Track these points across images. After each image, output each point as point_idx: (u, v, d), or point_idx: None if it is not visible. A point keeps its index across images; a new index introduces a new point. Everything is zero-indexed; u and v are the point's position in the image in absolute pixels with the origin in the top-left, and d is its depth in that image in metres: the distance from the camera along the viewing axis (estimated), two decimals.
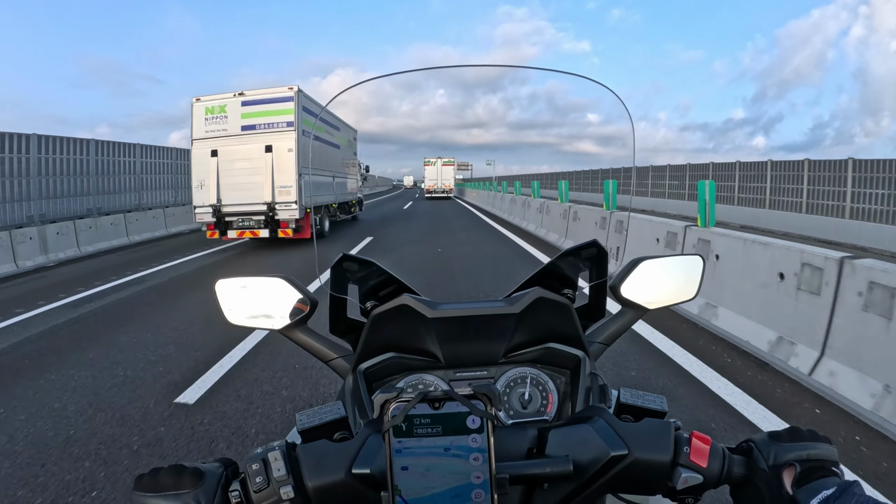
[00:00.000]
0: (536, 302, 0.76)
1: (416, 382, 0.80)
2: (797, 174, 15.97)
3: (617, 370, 3.52)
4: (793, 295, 3.55)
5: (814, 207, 15.15)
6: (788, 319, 3.56)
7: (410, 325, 0.77)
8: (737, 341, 3.97)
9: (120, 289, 6.75)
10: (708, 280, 5.06)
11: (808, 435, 0.53)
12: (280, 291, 0.78)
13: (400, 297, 0.76)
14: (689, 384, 3.27)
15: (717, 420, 2.78)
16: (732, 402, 2.98)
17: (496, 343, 0.80)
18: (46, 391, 3.37)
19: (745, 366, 3.60)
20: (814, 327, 3.34)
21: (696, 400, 3.04)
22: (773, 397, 3.07)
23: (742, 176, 18.73)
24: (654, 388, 3.17)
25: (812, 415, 2.87)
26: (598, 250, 0.85)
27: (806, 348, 3.37)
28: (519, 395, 0.80)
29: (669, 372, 3.48)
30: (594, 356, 0.84)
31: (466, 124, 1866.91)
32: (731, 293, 4.26)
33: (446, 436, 0.46)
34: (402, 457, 0.46)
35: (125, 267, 8.43)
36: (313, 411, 0.60)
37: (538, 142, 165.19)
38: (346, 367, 0.82)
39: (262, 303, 0.79)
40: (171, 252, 10.12)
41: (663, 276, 0.84)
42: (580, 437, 0.55)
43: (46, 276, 8.01)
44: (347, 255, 0.81)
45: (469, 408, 0.46)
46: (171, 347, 4.22)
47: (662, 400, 0.62)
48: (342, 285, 0.82)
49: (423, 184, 38.58)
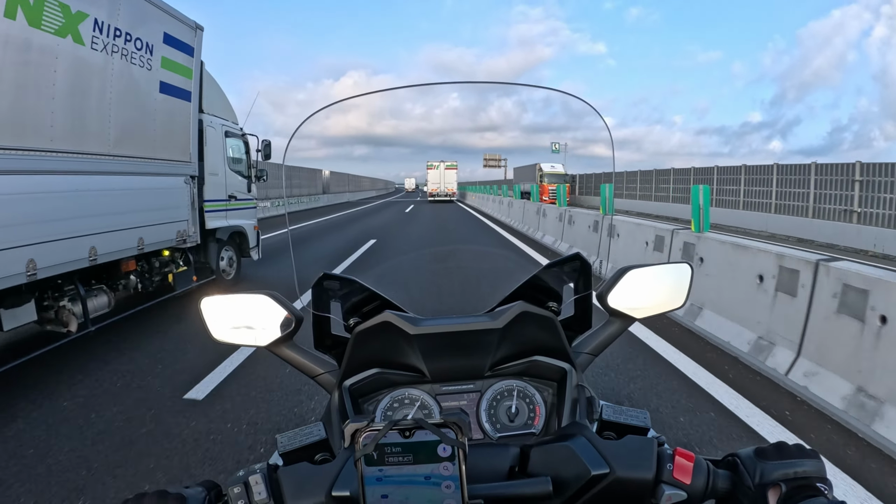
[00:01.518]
0: (520, 316, 0.76)
1: (401, 397, 0.81)
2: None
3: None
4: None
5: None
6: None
7: (394, 341, 0.77)
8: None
9: None
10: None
11: (794, 450, 0.52)
12: (265, 308, 0.79)
13: (382, 314, 0.76)
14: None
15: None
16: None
17: (481, 357, 0.80)
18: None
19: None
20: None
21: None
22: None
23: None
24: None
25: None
26: (582, 263, 0.86)
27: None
28: (506, 409, 0.80)
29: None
30: (581, 367, 0.84)
31: (480, 128, 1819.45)
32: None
33: (418, 464, 0.46)
34: (381, 485, 0.47)
35: None
36: (294, 433, 0.61)
37: (549, 146, 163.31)
38: (332, 383, 0.83)
39: (248, 320, 0.79)
40: None
41: (651, 285, 0.84)
42: (561, 455, 0.55)
43: None
44: (328, 274, 0.82)
45: (439, 436, 0.46)
46: None
47: (645, 415, 0.62)
48: (324, 303, 0.84)
49: (426, 187, 38.72)
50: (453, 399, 0.82)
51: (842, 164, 14.32)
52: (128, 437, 2.71)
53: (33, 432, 2.76)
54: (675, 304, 0.85)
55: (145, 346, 4.17)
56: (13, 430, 2.79)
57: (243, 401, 3.15)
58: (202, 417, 2.93)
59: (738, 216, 17.93)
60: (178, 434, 2.74)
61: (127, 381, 3.46)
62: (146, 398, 3.18)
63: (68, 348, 3.98)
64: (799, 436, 2.66)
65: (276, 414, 2.95)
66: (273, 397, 3.20)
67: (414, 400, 0.80)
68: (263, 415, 2.95)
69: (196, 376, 3.50)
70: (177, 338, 4.39)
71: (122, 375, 3.55)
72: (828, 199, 14.62)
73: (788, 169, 16.48)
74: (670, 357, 3.79)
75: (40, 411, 3.01)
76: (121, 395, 3.24)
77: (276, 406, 3.08)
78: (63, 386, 3.36)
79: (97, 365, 3.73)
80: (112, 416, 2.94)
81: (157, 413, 2.98)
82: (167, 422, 2.88)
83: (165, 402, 3.13)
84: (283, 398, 3.18)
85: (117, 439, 2.69)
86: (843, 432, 2.68)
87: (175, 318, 4.96)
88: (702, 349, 3.99)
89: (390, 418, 0.79)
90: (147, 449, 2.59)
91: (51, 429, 2.80)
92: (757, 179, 17.87)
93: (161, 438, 2.70)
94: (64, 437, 2.72)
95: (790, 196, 16.16)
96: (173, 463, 2.45)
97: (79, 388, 3.33)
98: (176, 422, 2.87)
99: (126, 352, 4.05)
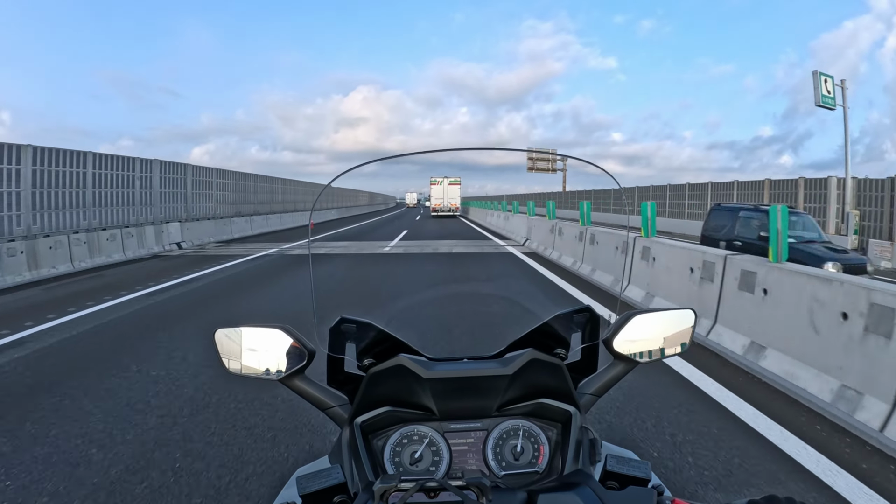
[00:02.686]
0: (529, 363, 0.80)
1: (410, 434, 0.83)
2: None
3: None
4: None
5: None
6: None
7: (406, 382, 0.80)
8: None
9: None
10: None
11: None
12: (278, 341, 0.82)
13: (397, 357, 0.80)
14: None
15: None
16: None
17: (489, 399, 0.83)
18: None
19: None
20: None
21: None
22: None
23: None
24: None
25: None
26: (591, 315, 0.90)
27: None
28: (511, 447, 0.82)
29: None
30: (585, 408, 0.87)
31: (489, 143, 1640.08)
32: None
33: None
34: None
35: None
36: (314, 475, 0.65)
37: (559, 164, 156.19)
38: (342, 417, 0.86)
39: (261, 352, 0.81)
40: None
41: (655, 330, 0.87)
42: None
43: None
44: (346, 318, 0.85)
45: (462, 498, 0.49)
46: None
47: (647, 466, 0.65)
48: (340, 344, 0.86)
49: (429, 202, 39.41)
50: (461, 437, 0.84)
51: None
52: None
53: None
54: (678, 349, 0.88)
55: None
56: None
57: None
58: None
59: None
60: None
61: None
62: None
63: None
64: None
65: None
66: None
67: (423, 436, 0.83)
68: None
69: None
70: None
71: None
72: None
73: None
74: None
75: None
76: None
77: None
78: None
79: None
80: None
81: None
82: None
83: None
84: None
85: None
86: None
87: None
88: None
89: (400, 454, 0.82)
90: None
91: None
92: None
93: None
94: None
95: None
96: None
97: None
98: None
99: None
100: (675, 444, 2.64)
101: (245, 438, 2.71)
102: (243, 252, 12.40)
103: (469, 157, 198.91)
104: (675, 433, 2.77)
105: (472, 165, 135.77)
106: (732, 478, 2.33)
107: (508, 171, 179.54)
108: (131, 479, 2.30)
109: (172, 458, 2.50)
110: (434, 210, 37.33)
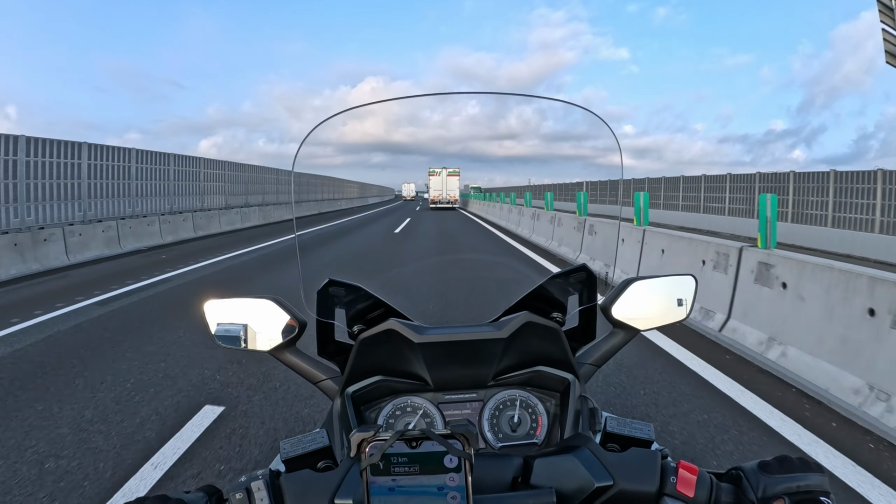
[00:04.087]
0: (524, 326, 0.78)
1: (403, 405, 0.82)
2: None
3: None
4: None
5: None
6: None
7: (397, 349, 0.79)
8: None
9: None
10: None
11: (798, 464, 0.53)
12: (269, 312, 0.81)
13: (387, 321, 0.78)
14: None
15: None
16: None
17: (484, 367, 0.82)
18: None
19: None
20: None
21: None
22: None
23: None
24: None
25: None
26: (588, 274, 0.87)
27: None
28: (508, 418, 0.81)
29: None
30: (584, 378, 0.85)
31: (499, 136, 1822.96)
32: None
33: (424, 475, 0.47)
34: (387, 495, 0.47)
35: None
36: (297, 440, 0.62)
37: (572, 154, 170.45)
38: (334, 389, 0.84)
39: (251, 324, 0.81)
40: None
41: (655, 297, 0.85)
42: (565, 467, 0.56)
43: None
44: (333, 280, 0.83)
45: (446, 447, 0.47)
46: None
47: (650, 428, 0.62)
48: (329, 309, 0.85)
49: (428, 194, 38.68)
50: (456, 408, 0.83)
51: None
52: None
53: None
54: (679, 316, 0.86)
55: None
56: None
57: None
58: None
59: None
60: None
61: None
62: None
63: None
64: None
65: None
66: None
67: (416, 408, 0.82)
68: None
69: None
70: None
71: None
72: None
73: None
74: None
75: None
76: None
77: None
78: None
79: None
80: None
81: None
82: None
83: None
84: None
85: None
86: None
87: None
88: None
89: (393, 426, 0.81)
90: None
91: None
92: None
93: None
94: None
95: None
96: None
97: None
98: None
99: None
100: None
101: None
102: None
103: (478, 149, 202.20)
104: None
105: (481, 157, 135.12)
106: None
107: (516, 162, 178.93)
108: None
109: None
110: (433, 202, 36.84)
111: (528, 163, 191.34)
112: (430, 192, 37.47)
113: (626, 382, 3.40)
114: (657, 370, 3.64)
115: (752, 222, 16.87)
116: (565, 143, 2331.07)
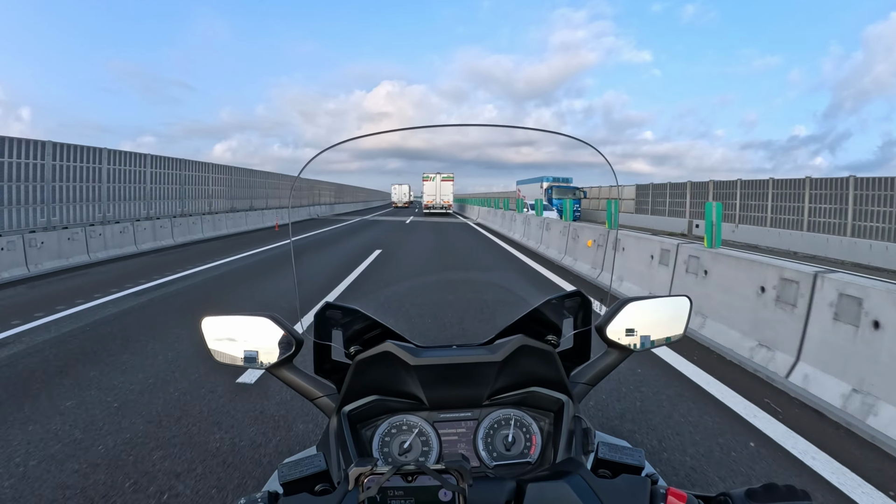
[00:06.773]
0: (519, 349, 0.80)
1: (399, 424, 0.83)
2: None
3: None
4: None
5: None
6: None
7: (394, 370, 0.80)
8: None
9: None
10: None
11: (784, 492, 0.54)
12: (266, 330, 0.81)
13: (384, 343, 0.79)
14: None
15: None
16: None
17: (479, 388, 0.83)
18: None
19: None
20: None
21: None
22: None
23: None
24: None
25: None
26: (583, 299, 0.89)
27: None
28: (503, 438, 0.82)
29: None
30: (578, 398, 0.86)
31: (516, 142, 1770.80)
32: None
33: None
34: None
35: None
36: (295, 462, 0.64)
37: (590, 161, 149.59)
38: (330, 406, 0.86)
39: (249, 341, 0.81)
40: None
41: (650, 317, 0.86)
42: (557, 494, 0.56)
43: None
44: (330, 304, 0.85)
45: (441, 482, 0.49)
46: None
47: (640, 454, 0.64)
48: (326, 330, 0.87)
49: (422, 199, 38.44)
50: (451, 426, 0.84)
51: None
52: None
53: None
54: (673, 338, 0.88)
55: None
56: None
57: None
58: None
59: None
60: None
61: None
62: None
63: None
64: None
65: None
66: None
67: (412, 427, 0.83)
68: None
69: None
70: None
71: None
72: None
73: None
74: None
75: None
76: None
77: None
78: None
79: None
80: None
81: None
82: None
83: None
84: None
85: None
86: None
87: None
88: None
89: (389, 444, 0.82)
90: None
91: None
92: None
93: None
94: None
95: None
96: None
97: None
98: None
99: None
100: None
101: None
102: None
103: (495, 155, 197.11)
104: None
105: (498, 163, 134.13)
106: None
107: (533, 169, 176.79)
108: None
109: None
110: (426, 207, 36.91)
111: (546, 169, 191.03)
112: (424, 197, 37.47)
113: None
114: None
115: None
116: (584, 149, 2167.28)
